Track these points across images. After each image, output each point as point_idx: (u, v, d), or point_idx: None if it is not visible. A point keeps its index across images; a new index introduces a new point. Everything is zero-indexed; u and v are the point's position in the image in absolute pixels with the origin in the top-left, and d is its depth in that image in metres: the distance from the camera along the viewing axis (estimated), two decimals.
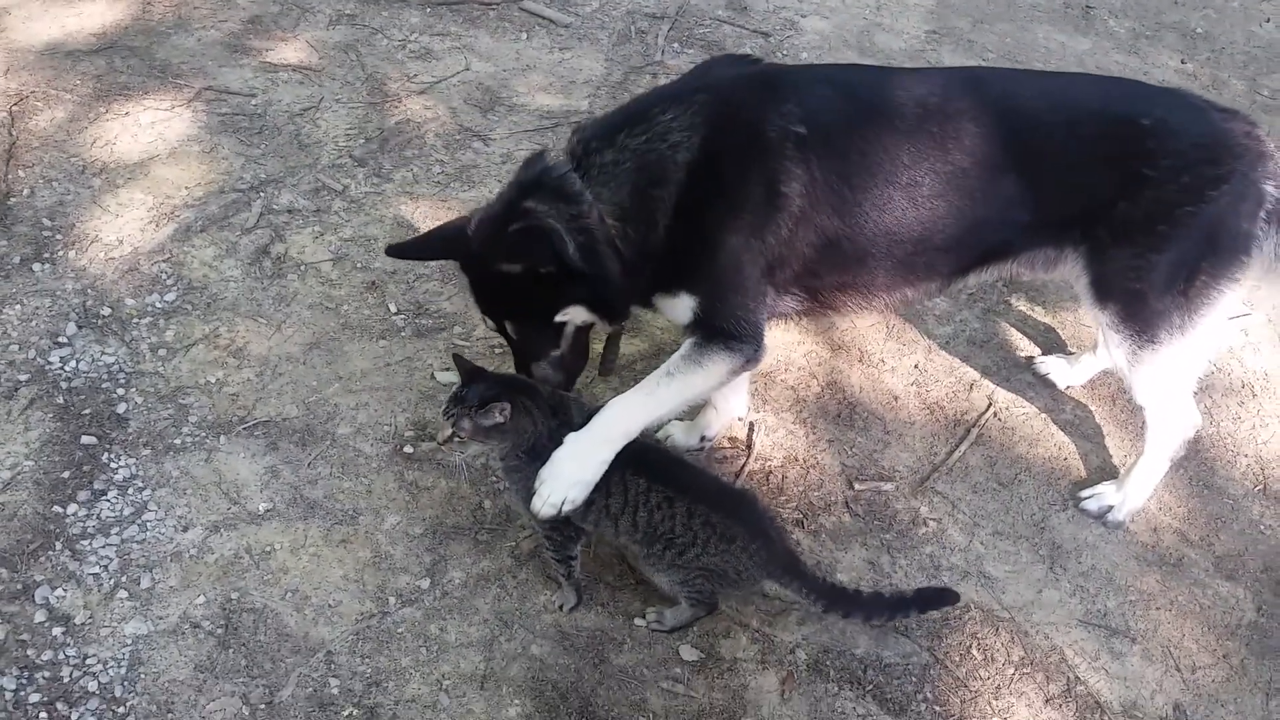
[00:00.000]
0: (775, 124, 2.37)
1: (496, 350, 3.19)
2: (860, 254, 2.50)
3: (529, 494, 2.42)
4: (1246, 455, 3.14)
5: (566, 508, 2.39)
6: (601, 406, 2.47)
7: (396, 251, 2.63)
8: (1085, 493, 2.95)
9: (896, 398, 3.19)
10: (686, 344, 2.51)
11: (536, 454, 2.42)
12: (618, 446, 2.43)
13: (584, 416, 2.46)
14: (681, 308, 2.49)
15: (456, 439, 2.44)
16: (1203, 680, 2.60)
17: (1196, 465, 3.07)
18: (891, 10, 4.97)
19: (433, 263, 3.41)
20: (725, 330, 2.47)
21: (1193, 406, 2.80)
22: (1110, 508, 2.89)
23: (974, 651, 2.60)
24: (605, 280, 2.41)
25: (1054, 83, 2.80)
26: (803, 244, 2.43)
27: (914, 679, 2.53)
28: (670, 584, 2.47)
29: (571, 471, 2.39)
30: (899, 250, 2.51)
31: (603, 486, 2.40)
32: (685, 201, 2.38)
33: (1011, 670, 2.57)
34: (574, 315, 2.48)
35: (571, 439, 2.42)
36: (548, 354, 2.56)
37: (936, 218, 2.47)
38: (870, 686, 2.50)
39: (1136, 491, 2.87)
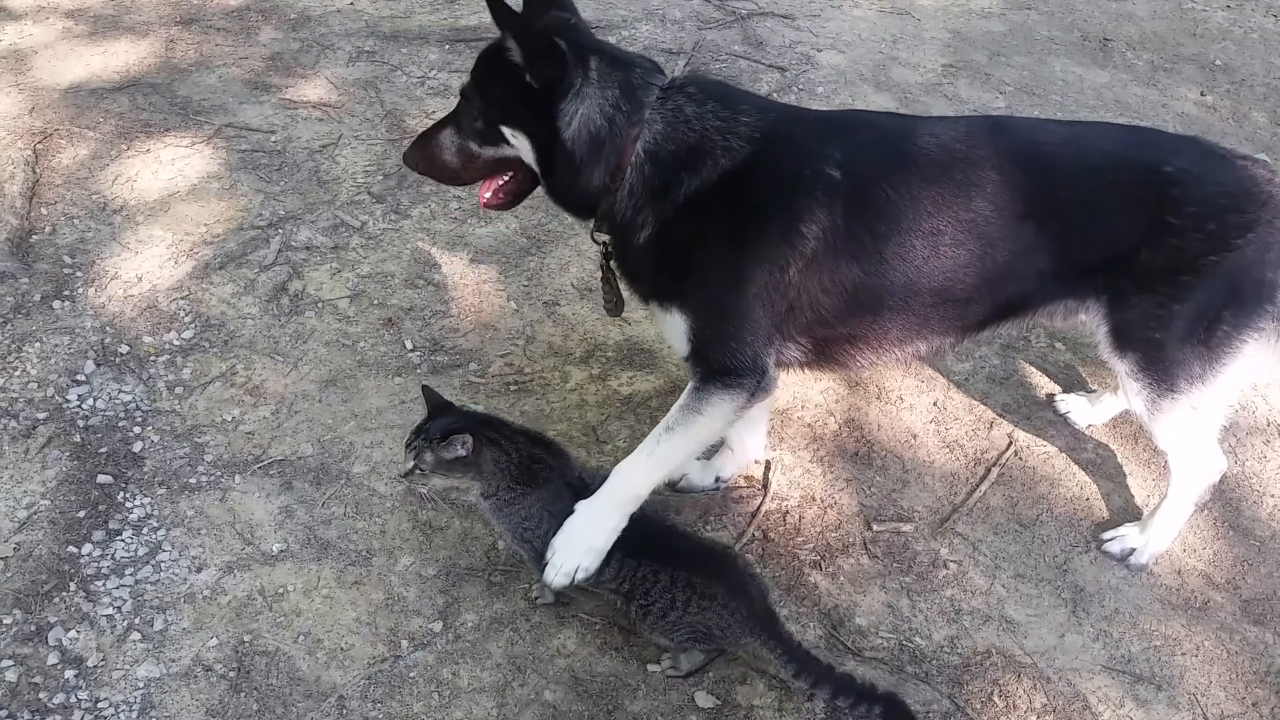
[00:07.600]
0: (814, 165, 2.34)
1: (511, 387, 3.18)
2: (876, 305, 2.47)
3: (520, 527, 2.45)
4: (1273, 495, 3.08)
5: (580, 576, 2.40)
6: (609, 473, 2.46)
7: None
8: (1108, 534, 2.89)
9: (915, 436, 3.15)
10: (686, 391, 2.48)
11: (534, 485, 2.43)
12: (630, 510, 2.43)
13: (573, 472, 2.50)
14: (676, 330, 2.43)
15: (418, 472, 2.40)
16: None
17: (1221, 506, 3.01)
18: (908, 44, 4.97)
19: (448, 296, 3.42)
20: (722, 366, 2.42)
21: (1217, 450, 2.75)
22: (1133, 550, 2.83)
23: (995, 699, 2.55)
24: (579, 168, 2.33)
25: (1077, 130, 2.77)
26: (815, 288, 2.41)
27: None
28: (659, 639, 2.50)
29: (586, 540, 2.39)
30: (916, 302, 2.47)
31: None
32: (700, 205, 2.33)
33: (1034, 718, 2.52)
34: (519, 145, 2.37)
35: (583, 507, 2.41)
36: (467, 139, 2.43)
37: (957, 267, 2.43)
38: None
39: (1160, 534, 2.81)
